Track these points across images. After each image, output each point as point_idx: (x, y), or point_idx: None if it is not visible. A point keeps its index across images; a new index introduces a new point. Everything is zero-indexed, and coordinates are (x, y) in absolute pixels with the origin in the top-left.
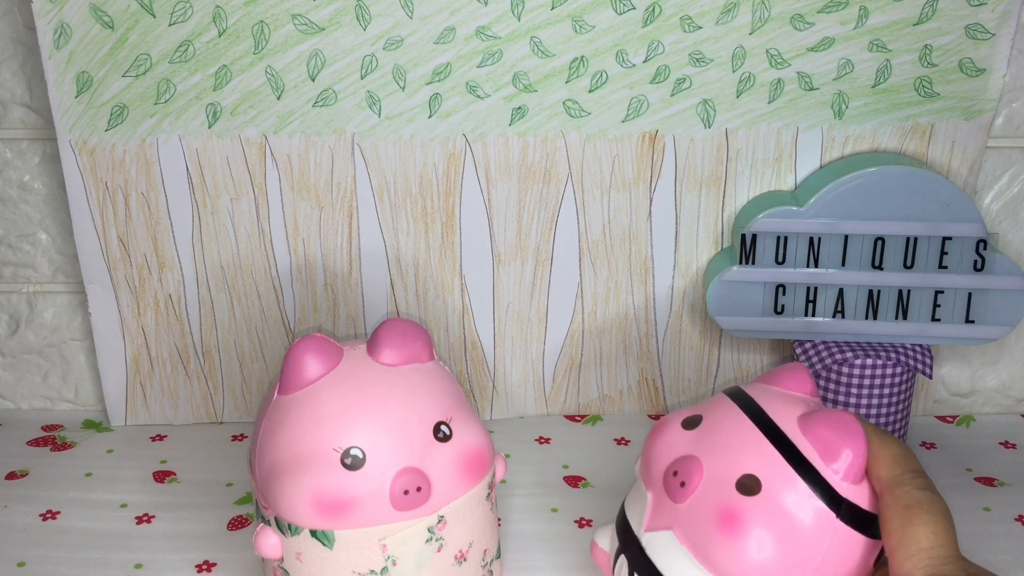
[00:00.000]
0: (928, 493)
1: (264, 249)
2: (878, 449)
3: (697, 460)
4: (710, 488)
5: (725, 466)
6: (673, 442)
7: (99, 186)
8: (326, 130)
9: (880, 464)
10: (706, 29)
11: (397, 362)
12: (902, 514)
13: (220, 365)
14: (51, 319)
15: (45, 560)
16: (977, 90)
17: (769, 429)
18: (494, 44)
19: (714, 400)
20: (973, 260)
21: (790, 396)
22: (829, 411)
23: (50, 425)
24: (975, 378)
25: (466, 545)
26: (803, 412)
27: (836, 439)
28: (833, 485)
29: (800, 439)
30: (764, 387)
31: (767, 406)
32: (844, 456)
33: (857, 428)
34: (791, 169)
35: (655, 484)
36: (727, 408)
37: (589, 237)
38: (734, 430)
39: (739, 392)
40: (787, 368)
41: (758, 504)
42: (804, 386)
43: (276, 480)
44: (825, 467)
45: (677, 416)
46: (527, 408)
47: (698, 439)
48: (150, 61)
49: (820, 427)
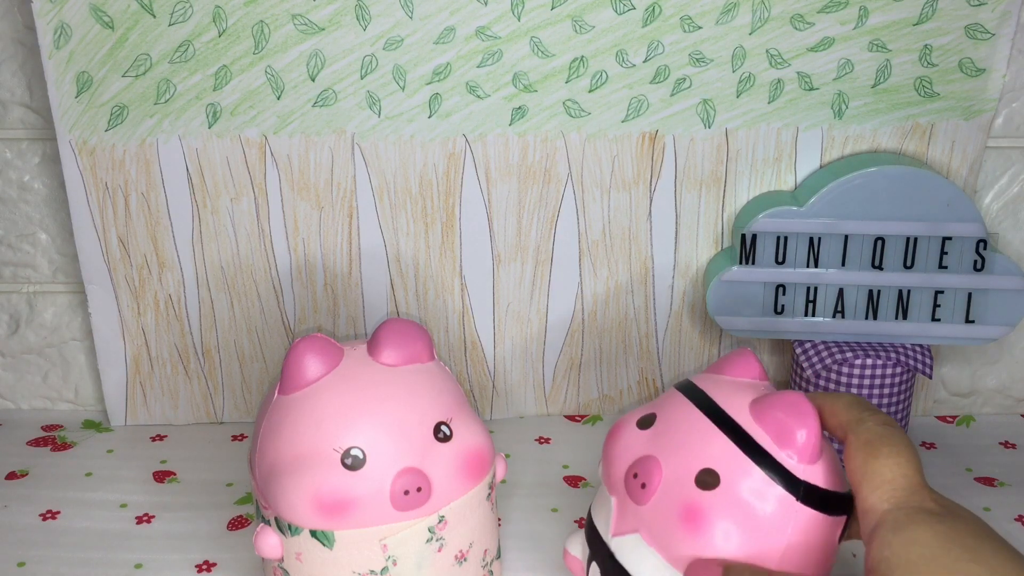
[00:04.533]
0: (888, 428)
1: (264, 249)
2: (831, 403)
3: (655, 460)
4: (670, 486)
5: (683, 463)
6: (630, 443)
7: (99, 186)
8: (326, 130)
9: (837, 412)
10: (706, 29)
11: (397, 362)
12: (864, 450)
13: (220, 365)
14: (51, 319)
15: (45, 560)
16: (977, 90)
17: (722, 420)
18: (494, 44)
19: (666, 396)
20: (973, 260)
21: (740, 383)
22: (779, 394)
23: (50, 425)
24: (975, 378)
25: (466, 545)
26: (754, 398)
27: (788, 421)
28: (790, 469)
29: (753, 427)
30: (713, 377)
31: (718, 397)
32: (798, 437)
33: (807, 407)
34: (791, 169)
35: (617, 488)
36: (679, 403)
37: (589, 237)
38: (688, 425)
39: (689, 385)
40: (734, 354)
41: (718, 497)
42: (752, 371)
43: (276, 480)
44: (780, 451)
45: (632, 416)
46: (527, 408)
47: (654, 438)
48: (150, 61)
49: (771, 412)
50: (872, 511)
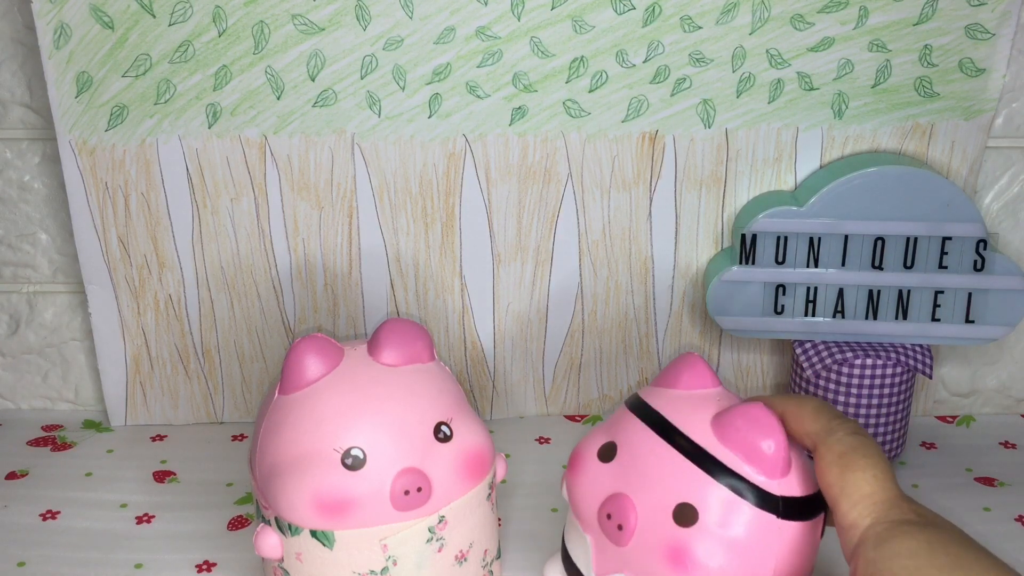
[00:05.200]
0: (859, 437)
1: (264, 249)
2: (796, 409)
3: (627, 499)
4: (648, 525)
5: (656, 499)
6: (595, 479)
7: (99, 186)
8: (326, 130)
9: (804, 420)
10: (706, 29)
11: (398, 362)
12: (838, 463)
13: (220, 365)
14: (51, 319)
15: (45, 560)
16: (977, 90)
17: (687, 447)
18: (494, 44)
19: (620, 419)
20: (973, 260)
21: (694, 398)
22: (739, 408)
23: (50, 425)
24: (975, 378)
25: (466, 545)
26: (713, 414)
27: (755, 437)
28: (765, 488)
29: (719, 448)
30: (665, 392)
31: (676, 419)
32: (767, 453)
33: (771, 420)
34: (791, 169)
35: (591, 527)
36: (637, 430)
37: (589, 237)
38: (653, 456)
39: (643, 406)
40: (681, 363)
41: (700, 532)
42: (702, 379)
43: (276, 480)
44: (753, 472)
45: (590, 445)
46: (527, 408)
47: (620, 473)
48: (150, 61)
49: (736, 430)
50: (853, 527)
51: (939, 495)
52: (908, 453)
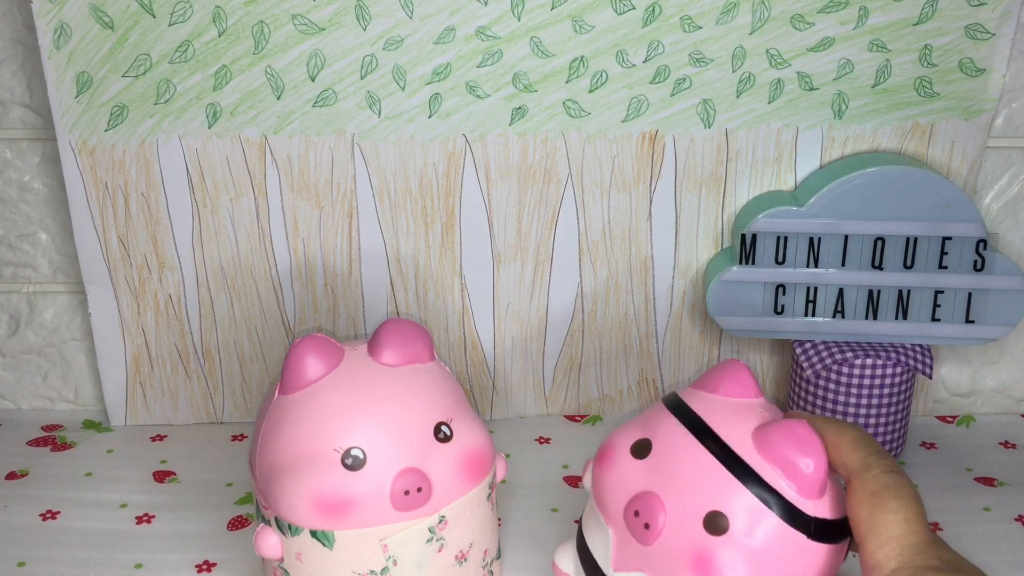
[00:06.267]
0: (895, 476)
1: (264, 249)
2: (835, 436)
3: (658, 499)
4: (677, 528)
5: (688, 503)
6: (626, 475)
7: (99, 186)
8: (326, 130)
9: (841, 450)
10: (706, 29)
11: (398, 362)
12: (870, 501)
13: (220, 365)
14: (51, 319)
15: (45, 560)
16: (977, 90)
17: (726, 455)
18: (494, 44)
19: (657, 416)
20: (973, 260)
21: (738, 406)
22: (783, 424)
23: (50, 425)
24: (975, 378)
25: (467, 545)
26: (756, 426)
27: (796, 456)
28: (800, 507)
29: (758, 461)
30: (706, 396)
31: (717, 426)
32: (807, 474)
33: (814, 439)
34: (791, 169)
35: (615, 521)
36: (675, 430)
37: (589, 237)
38: (689, 459)
39: (682, 407)
40: (725, 368)
41: (730, 544)
42: (746, 388)
43: (276, 480)
44: (789, 489)
45: (623, 439)
46: (527, 408)
47: (652, 471)
48: (150, 61)
49: (778, 446)
50: (878, 568)
51: (939, 495)
52: (908, 453)
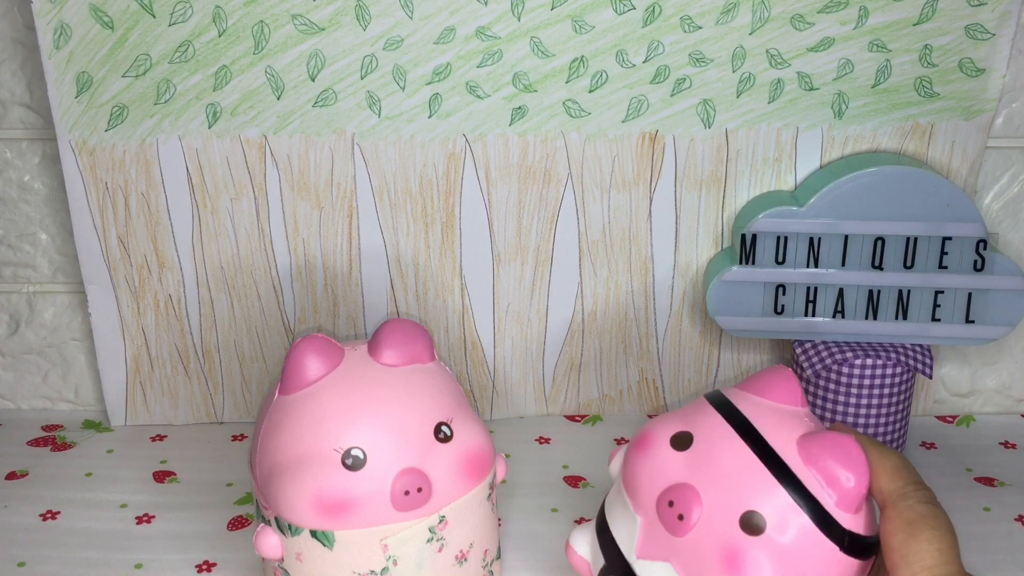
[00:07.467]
0: (931, 507)
1: (264, 249)
2: (876, 461)
3: (695, 491)
4: (711, 523)
5: (726, 500)
6: (663, 465)
7: (99, 186)
8: (326, 130)
9: (881, 476)
10: (706, 29)
11: (398, 362)
12: (905, 530)
13: (220, 365)
14: (51, 319)
15: (45, 560)
16: (977, 90)
17: (769, 458)
18: (494, 44)
19: (700, 411)
20: (973, 260)
21: (783, 412)
22: (828, 434)
23: (50, 425)
24: (975, 378)
25: (467, 545)
26: (801, 434)
27: (839, 468)
28: (837, 519)
29: (801, 468)
30: (752, 399)
31: (763, 428)
32: (848, 488)
33: (859, 455)
34: (791, 169)
35: (646, 509)
36: (719, 427)
37: (589, 237)
38: (731, 457)
39: (728, 406)
40: (773, 374)
41: (763, 544)
42: (793, 396)
43: (277, 480)
44: (828, 500)
45: (663, 429)
46: (527, 408)
47: (692, 464)
48: (150, 61)
49: (823, 456)
50: None
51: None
52: (908, 453)
